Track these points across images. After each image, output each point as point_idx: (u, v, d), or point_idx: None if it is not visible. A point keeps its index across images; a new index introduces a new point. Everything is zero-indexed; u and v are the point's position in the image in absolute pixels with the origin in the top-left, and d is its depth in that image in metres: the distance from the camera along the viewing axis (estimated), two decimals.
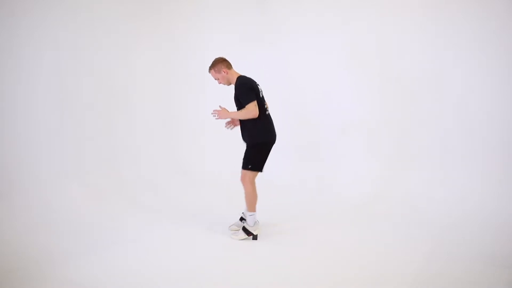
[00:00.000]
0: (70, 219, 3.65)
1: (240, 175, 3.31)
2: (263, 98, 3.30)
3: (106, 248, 3.03)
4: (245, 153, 3.31)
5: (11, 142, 3.83)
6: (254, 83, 3.26)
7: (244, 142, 3.35)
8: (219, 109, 3.33)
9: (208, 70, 3.32)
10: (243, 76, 3.28)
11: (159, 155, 5.20)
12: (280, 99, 4.85)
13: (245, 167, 3.26)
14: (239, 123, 3.37)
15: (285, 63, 5.01)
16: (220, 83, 3.34)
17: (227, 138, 4.70)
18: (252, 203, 3.27)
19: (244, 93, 3.16)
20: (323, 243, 3.19)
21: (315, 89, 4.87)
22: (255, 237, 3.26)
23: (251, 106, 3.12)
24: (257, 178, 3.35)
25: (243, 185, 3.30)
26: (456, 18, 4.06)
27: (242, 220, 3.45)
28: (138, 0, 5.02)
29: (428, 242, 3.14)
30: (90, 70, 4.47)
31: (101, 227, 3.52)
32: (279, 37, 5.00)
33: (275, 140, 3.32)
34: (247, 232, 3.26)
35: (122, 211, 3.96)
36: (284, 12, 4.94)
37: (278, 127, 3.34)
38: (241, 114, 3.18)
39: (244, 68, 3.48)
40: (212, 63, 3.30)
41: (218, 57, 3.32)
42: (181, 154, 5.37)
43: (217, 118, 3.28)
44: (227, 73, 3.26)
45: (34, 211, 3.66)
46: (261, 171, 3.29)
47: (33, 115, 3.99)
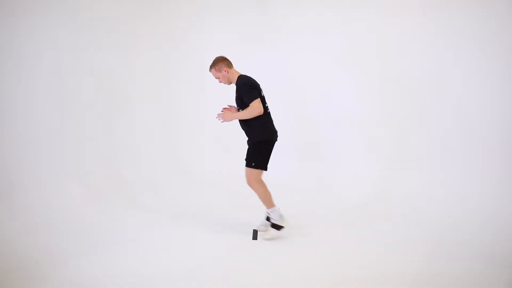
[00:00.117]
0: (70, 219, 3.65)
1: (245, 179, 3.26)
2: (263, 97, 3.29)
3: (106, 248, 3.03)
4: (248, 151, 3.29)
5: (11, 142, 3.82)
6: (255, 82, 3.26)
7: (248, 138, 3.30)
8: (227, 107, 3.32)
9: (209, 69, 3.31)
10: (244, 75, 3.27)
11: (159, 155, 5.20)
12: (280, 99, 4.85)
13: (248, 165, 3.23)
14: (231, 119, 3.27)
15: (285, 63, 5.01)
16: (220, 82, 3.33)
17: (227, 138, 4.72)
18: (268, 200, 3.24)
19: (247, 91, 3.15)
20: (323, 243, 3.19)
21: (315, 89, 4.87)
22: (255, 237, 3.24)
23: (255, 104, 3.11)
24: None
25: (251, 187, 3.26)
26: (456, 18, 4.06)
27: (268, 219, 3.35)
28: (138, 0, 5.02)
29: (428, 242, 3.14)
30: (90, 70, 4.47)
31: (101, 227, 3.52)
32: (279, 37, 5.00)
33: (277, 138, 3.31)
34: (277, 227, 3.22)
35: (122, 211, 3.96)
36: (284, 12, 4.94)
37: (278, 127, 3.34)
38: (245, 114, 3.15)
39: (244, 68, 3.48)
40: (212, 62, 3.28)
41: (219, 56, 3.31)
42: (181, 154, 5.37)
43: (222, 121, 3.26)
44: (228, 72, 3.25)
45: (34, 211, 3.66)
46: (266, 169, 3.26)
47: (33, 115, 3.99)
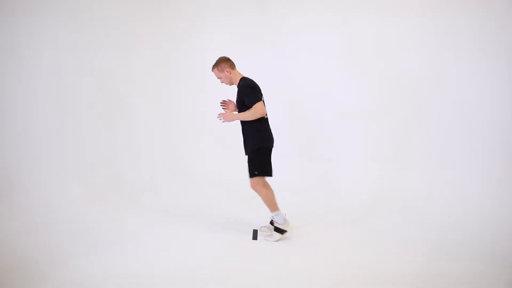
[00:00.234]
0: (70, 219, 3.65)
1: (250, 185, 3.24)
2: (263, 101, 3.27)
3: (106, 248, 3.03)
4: (248, 162, 3.23)
5: (11, 142, 3.82)
6: (257, 85, 3.24)
7: (246, 154, 3.27)
8: (226, 100, 3.32)
9: (211, 69, 3.30)
10: (247, 78, 3.26)
11: (159, 155, 5.20)
12: (280, 99, 4.86)
13: (252, 175, 3.19)
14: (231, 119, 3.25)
15: (285, 63, 5.00)
16: (222, 82, 3.32)
17: (227, 138, 4.72)
18: (272, 204, 3.23)
19: (249, 93, 3.14)
20: (323, 243, 3.19)
21: (315, 89, 4.87)
22: (255, 237, 3.25)
23: (258, 105, 3.10)
24: None
25: (256, 191, 3.24)
26: (456, 18, 4.06)
27: (272, 222, 3.36)
28: (138, 0, 5.02)
29: (428, 242, 3.14)
30: (90, 70, 4.46)
31: (101, 227, 3.52)
32: (279, 37, 5.00)
33: (273, 144, 3.28)
34: (280, 231, 3.22)
35: (122, 211, 3.97)
36: (284, 12, 4.94)
37: (277, 127, 3.35)
38: (248, 115, 3.13)
39: (244, 68, 3.48)
40: (215, 62, 3.28)
41: (222, 56, 3.29)
42: (181, 154, 5.37)
43: (223, 121, 3.24)
44: (230, 73, 3.25)
45: (34, 211, 3.66)
46: (271, 175, 3.22)
47: (33, 115, 3.99)
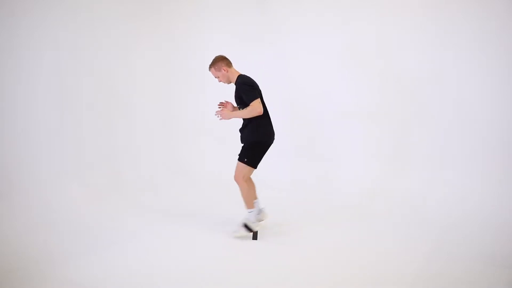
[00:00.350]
0: (70, 219, 3.65)
1: (234, 174, 3.27)
2: (262, 98, 3.29)
3: (106, 248, 3.03)
4: (242, 148, 3.29)
5: (11, 142, 3.82)
6: (255, 82, 3.26)
7: (242, 143, 3.32)
8: (222, 107, 3.32)
9: (208, 68, 3.31)
10: (244, 75, 3.27)
11: (159, 155, 5.19)
12: (280, 99, 4.85)
13: (241, 159, 3.24)
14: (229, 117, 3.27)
15: (285, 63, 5.00)
16: (220, 81, 3.33)
17: (227, 138, 4.71)
18: (249, 201, 3.25)
19: (247, 91, 3.15)
20: (323, 243, 3.19)
21: (315, 89, 4.87)
22: (255, 237, 3.25)
23: (255, 104, 3.10)
24: (257, 179, 3.35)
25: (237, 183, 3.27)
26: (456, 18, 4.06)
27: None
28: (138, 0, 5.02)
29: (428, 242, 3.14)
30: (90, 70, 4.46)
31: (101, 227, 3.52)
32: (279, 37, 5.00)
33: (273, 140, 3.31)
34: (248, 228, 3.22)
35: (122, 211, 3.96)
36: (284, 12, 4.94)
37: (277, 127, 3.34)
38: (245, 113, 3.15)
39: (244, 68, 3.48)
40: (212, 61, 3.28)
41: (218, 55, 3.31)
42: (181, 154, 5.37)
43: (220, 119, 3.26)
44: (227, 71, 3.25)
45: (34, 211, 3.66)
46: (255, 167, 3.27)
47: (33, 115, 3.99)
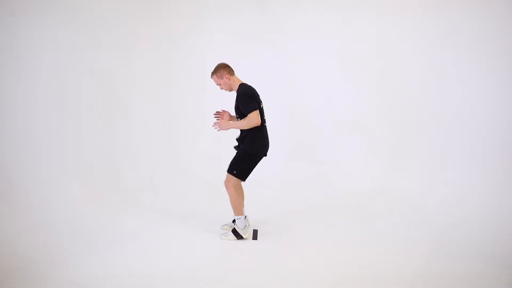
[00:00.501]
0: (70, 219, 3.65)
1: (224, 179, 3.25)
2: (262, 109, 3.26)
3: (106, 248, 3.03)
4: (234, 158, 3.26)
5: (11, 142, 3.82)
6: (255, 92, 3.23)
7: (235, 150, 3.30)
8: (219, 116, 3.32)
9: (210, 76, 3.30)
10: (245, 84, 3.24)
11: (159, 155, 5.19)
12: (280, 99, 4.86)
13: (230, 171, 3.22)
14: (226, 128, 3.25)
15: (285, 63, 5.00)
16: (221, 88, 3.32)
17: (227, 138, 4.71)
18: (238, 207, 3.24)
19: (245, 101, 3.12)
20: (323, 243, 3.19)
21: (314, 89, 4.87)
22: (255, 237, 3.25)
23: (253, 115, 3.08)
24: (256, 179, 3.34)
25: (226, 189, 3.25)
26: (456, 18, 4.06)
27: (234, 222, 3.37)
28: (138, 0, 5.02)
29: (428, 242, 3.14)
30: (90, 70, 4.46)
31: (101, 227, 3.52)
32: (279, 37, 5.00)
33: (267, 152, 3.29)
34: (237, 234, 3.24)
35: (122, 211, 3.96)
36: (284, 12, 4.94)
37: (277, 127, 3.35)
38: (243, 124, 3.12)
39: (244, 68, 3.48)
40: (214, 68, 3.27)
41: (221, 63, 3.29)
42: (181, 154, 5.37)
43: (218, 130, 3.23)
44: (229, 79, 3.24)
45: (34, 211, 3.66)
46: (244, 180, 3.24)
47: (33, 115, 3.99)
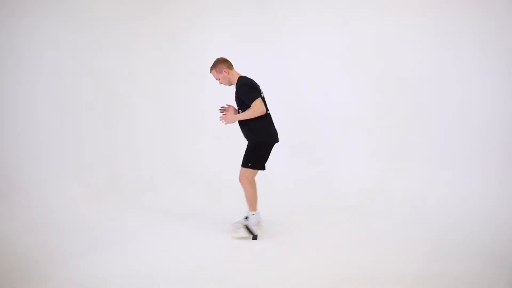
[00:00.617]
0: (70, 219, 3.65)
1: (238, 176, 3.28)
2: (264, 98, 3.29)
3: (106, 248, 3.03)
4: (246, 151, 3.29)
5: (11, 142, 3.82)
6: (255, 83, 3.26)
7: (246, 140, 3.33)
8: (225, 111, 3.32)
9: (209, 71, 3.32)
10: (244, 77, 3.27)
11: (159, 155, 5.19)
12: (280, 99, 4.85)
13: (244, 165, 3.24)
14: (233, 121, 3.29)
15: (285, 63, 5.00)
16: (221, 83, 3.33)
17: (227, 138, 4.72)
18: (252, 203, 3.26)
19: (246, 92, 3.15)
20: (323, 243, 3.19)
21: (315, 89, 4.87)
22: (255, 237, 3.25)
23: (256, 104, 3.11)
24: (258, 178, 3.34)
25: (241, 184, 3.27)
26: (456, 18, 4.06)
27: (247, 218, 3.36)
28: (138, 0, 5.02)
29: (428, 242, 3.14)
30: (90, 70, 4.47)
31: (101, 227, 3.52)
32: (279, 37, 5.00)
33: (278, 140, 3.31)
34: (249, 231, 3.24)
35: (122, 211, 3.96)
36: (284, 12, 4.94)
37: (277, 127, 3.34)
38: (248, 114, 3.14)
39: (244, 68, 3.48)
40: (213, 63, 3.29)
41: (219, 57, 3.31)
42: (181, 154, 5.37)
43: (226, 123, 3.26)
44: (228, 74, 3.26)
45: (34, 211, 3.66)
46: (264, 169, 3.27)
47: (33, 115, 3.99)
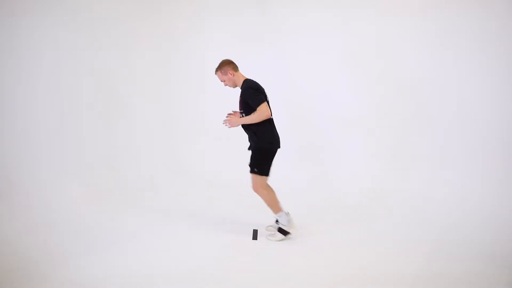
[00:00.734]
0: (70, 219, 3.65)
1: (251, 185, 3.25)
2: (268, 102, 3.25)
3: (106, 248, 3.03)
4: (251, 157, 3.25)
5: (11, 142, 3.82)
6: (261, 86, 3.23)
7: (250, 142, 3.29)
8: (230, 116, 3.29)
9: (215, 72, 3.29)
10: (250, 80, 3.25)
11: (159, 155, 5.20)
12: (280, 99, 4.84)
13: (252, 171, 3.22)
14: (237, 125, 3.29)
15: (285, 63, 5.00)
16: (226, 85, 3.31)
17: (227, 138, 4.72)
18: (274, 205, 3.23)
19: (253, 95, 3.12)
20: (323, 243, 3.19)
21: (315, 89, 4.87)
22: (255, 237, 3.26)
23: (263, 107, 3.08)
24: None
25: (256, 193, 3.25)
26: (456, 18, 4.06)
27: (277, 222, 3.34)
28: (138, 0, 5.02)
29: (428, 242, 3.14)
30: (90, 70, 4.47)
31: (101, 227, 3.52)
32: (279, 37, 5.00)
33: (280, 145, 3.28)
34: (283, 232, 3.22)
35: (122, 211, 3.96)
36: (284, 12, 4.94)
37: (277, 127, 3.33)
38: (253, 118, 3.11)
39: (244, 68, 3.48)
40: (218, 64, 3.26)
41: (225, 59, 3.28)
42: (181, 154, 5.37)
43: (229, 126, 3.23)
44: (234, 76, 3.24)
45: (34, 211, 3.66)
46: (267, 175, 3.24)
47: (33, 115, 3.99)
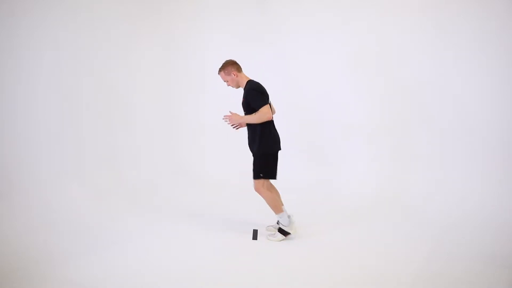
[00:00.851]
0: (70, 219, 3.65)
1: (254, 188, 3.24)
2: (270, 104, 3.26)
3: (106, 248, 3.03)
4: (254, 163, 3.23)
5: (11, 142, 3.82)
6: (264, 88, 3.22)
7: (251, 151, 3.28)
8: (229, 114, 3.27)
9: (218, 72, 3.28)
10: (253, 81, 3.24)
11: (159, 155, 5.20)
12: (280, 99, 4.84)
13: (256, 177, 3.19)
14: (245, 125, 3.30)
15: (285, 63, 5.01)
16: (229, 85, 3.30)
17: (227, 138, 4.72)
18: (276, 206, 3.23)
19: (255, 96, 3.12)
20: (323, 243, 3.19)
21: (315, 89, 4.87)
22: (255, 237, 3.26)
23: (264, 109, 3.09)
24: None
25: (259, 194, 3.24)
26: (456, 18, 4.06)
27: (278, 222, 3.34)
28: (138, 0, 5.02)
29: (428, 242, 3.14)
30: (90, 70, 4.47)
31: (101, 227, 3.52)
32: (279, 37, 5.00)
33: (280, 147, 3.27)
34: (284, 232, 3.23)
35: (122, 211, 3.97)
36: (284, 12, 4.94)
37: (277, 127, 3.33)
38: (254, 118, 3.11)
39: (244, 68, 3.47)
40: (222, 65, 3.26)
41: (229, 59, 3.28)
42: (181, 154, 5.37)
43: (229, 123, 3.22)
44: (237, 76, 3.23)
45: (34, 211, 3.66)
46: (275, 178, 3.23)
47: (33, 115, 3.99)
